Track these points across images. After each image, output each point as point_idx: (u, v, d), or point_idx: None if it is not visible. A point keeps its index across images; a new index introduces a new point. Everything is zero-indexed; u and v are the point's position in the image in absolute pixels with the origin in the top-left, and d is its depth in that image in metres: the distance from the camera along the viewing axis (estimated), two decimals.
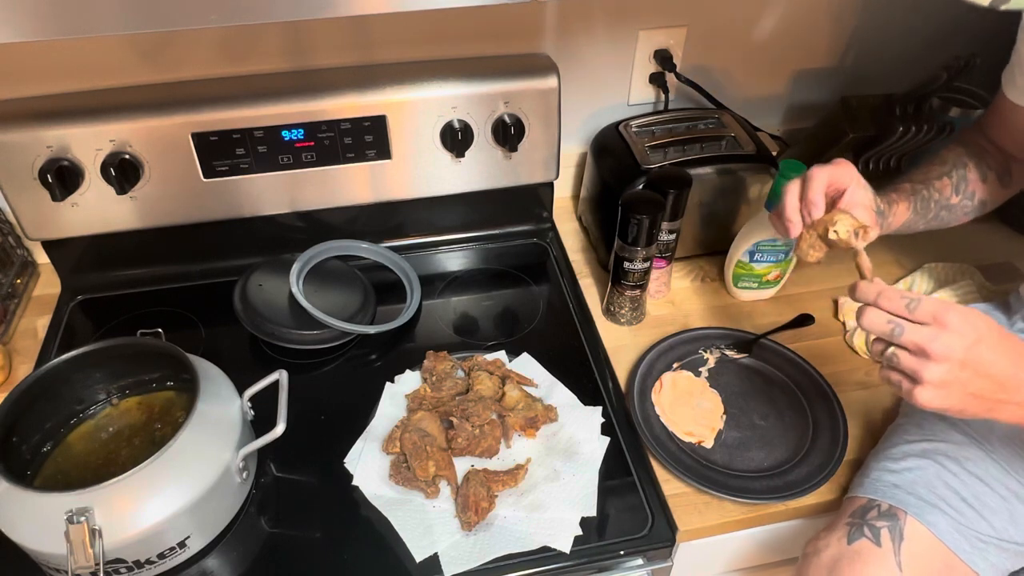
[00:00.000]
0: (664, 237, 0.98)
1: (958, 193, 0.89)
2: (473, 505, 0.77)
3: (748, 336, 0.99)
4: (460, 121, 1.00)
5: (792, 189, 0.78)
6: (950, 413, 0.64)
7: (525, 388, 0.91)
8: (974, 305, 0.95)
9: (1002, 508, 0.74)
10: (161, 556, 0.72)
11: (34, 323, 1.03)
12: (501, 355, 0.96)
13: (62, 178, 0.91)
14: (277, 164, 0.99)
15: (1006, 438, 0.78)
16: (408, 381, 0.94)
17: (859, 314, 0.65)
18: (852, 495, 0.79)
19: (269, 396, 0.80)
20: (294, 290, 0.96)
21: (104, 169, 0.92)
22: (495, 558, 0.76)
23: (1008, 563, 0.75)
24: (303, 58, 1.01)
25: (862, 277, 0.69)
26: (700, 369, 0.96)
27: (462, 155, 1.02)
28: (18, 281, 1.06)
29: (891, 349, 0.64)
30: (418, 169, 1.04)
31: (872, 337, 0.65)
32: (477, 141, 1.02)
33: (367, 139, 0.99)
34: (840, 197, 0.77)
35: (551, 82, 1.01)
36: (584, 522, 0.79)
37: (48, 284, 1.08)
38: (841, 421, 0.89)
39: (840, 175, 0.77)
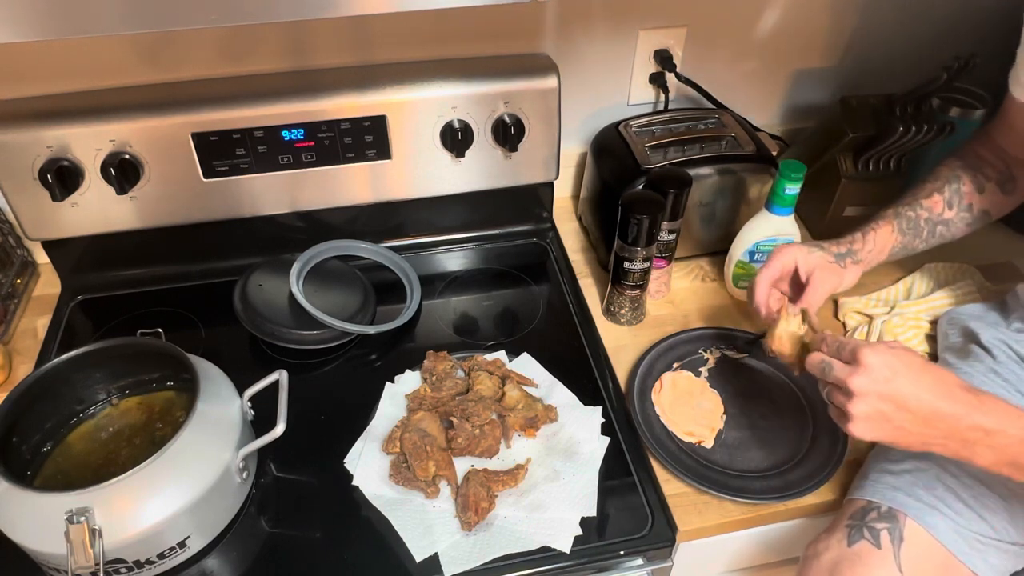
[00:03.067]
0: (664, 237, 0.99)
1: (952, 207, 0.90)
2: (473, 505, 0.77)
3: (748, 336, 0.99)
4: (460, 121, 1.00)
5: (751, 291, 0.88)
6: (891, 445, 0.68)
7: (525, 388, 0.91)
8: (973, 305, 0.95)
9: (1001, 509, 0.74)
10: (161, 556, 0.72)
11: (34, 323, 1.03)
12: (501, 355, 0.96)
13: (62, 178, 0.91)
14: (277, 164, 0.99)
15: None
16: (408, 381, 0.94)
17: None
18: (852, 497, 0.79)
19: (269, 396, 0.80)
20: (294, 290, 0.96)
21: (104, 169, 0.92)
22: (495, 558, 0.76)
23: (1008, 564, 0.75)
24: (303, 58, 1.01)
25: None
26: (700, 369, 0.96)
27: (462, 155, 1.02)
28: (18, 281, 1.06)
29: (826, 388, 0.70)
30: (418, 169, 1.04)
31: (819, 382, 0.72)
32: (477, 141, 1.02)
33: (367, 139, 0.99)
34: (797, 274, 0.86)
35: (551, 82, 1.01)
36: (584, 522, 0.79)
37: (48, 284, 1.08)
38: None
39: (783, 264, 0.85)
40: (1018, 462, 0.65)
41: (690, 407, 0.91)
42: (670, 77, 1.13)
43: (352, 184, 1.03)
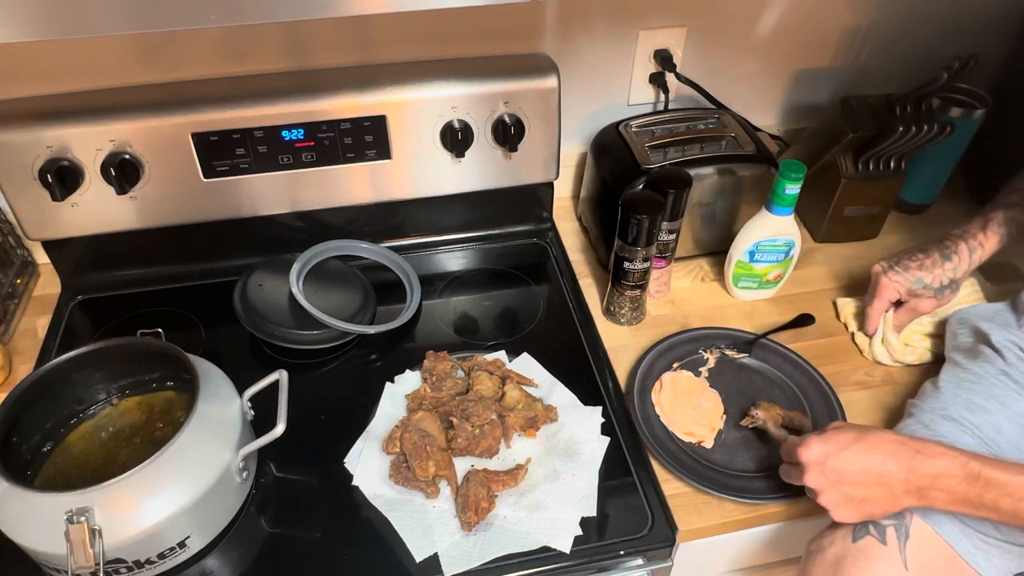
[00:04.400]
0: (664, 237, 0.99)
1: None
2: (473, 505, 0.77)
3: (748, 336, 0.99)
4: (460, 121, 1.00)
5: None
6: (872, 519, 0.73)
7: (525, 388, 0.91)
8: (983, 305, 0.95)
9: None
10: (161, 556, 0.72)
11: (34, 323, 1.03)
12: (501, 355, 0.96)
13: (62, 178, 0.91)
14: (277, 164, 0.99)
15: (1014, 441, 0.78)
16: (408, 381, 0.94)
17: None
18: None
19: (269, 396, 0.80)
20: (294, 290, 0.96)
21: (104, 169, 0.92)
22: (495, 558, 0.76)
23: (1012, 564, 0.74)
24: (303, 58, 1.01)
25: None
26: (700, 369, 0.96)
27: (462, 155, 1.02)
28: (18, 281, 1.06)
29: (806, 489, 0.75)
30: (418, 169, 1.04)
31: None
32: (477, 141, 1.02)
33: (367, 139, 0.99)
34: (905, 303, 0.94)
35: (551, 82, 1.01)
36: (584, 522, 0.79)
37: (48, 284, 1.08)
38: (841, 421, 0.88)
39: (890, 298, 0.94)
40: (968, 499, 0.68)
41: (690, 407, 0.91)
42: (670, 77, 1.13)
43: (352, 184, 1.03)
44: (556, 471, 0.83)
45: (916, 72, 1.06)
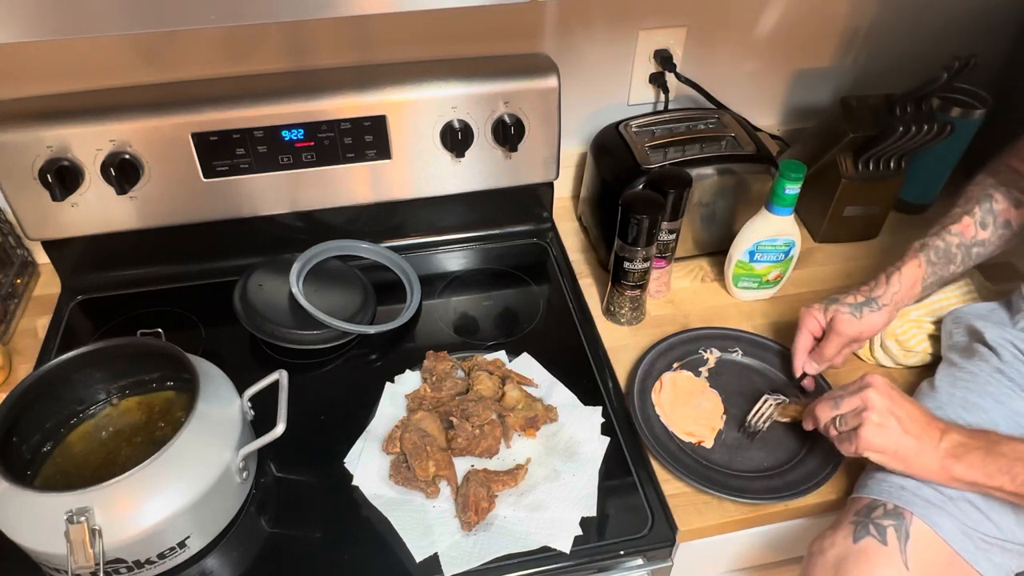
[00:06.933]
0: (664, 237, 0.99)
1: (986, 227, 0.91)
2: (473, 505, 0.77)
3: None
4: (460, 121, 1.00)
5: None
6: (887, 458, 0.75)
7: (525, 388, 0.91)
8: (978, 304, 0.95)
9: (1007, 509, 0.74)
10: (161, 556, 0.72)
11: (34, 323, 1.03)
12: (501, 355, 0.96)
13: (62, 178, 0.91)
14: (277, 164, 0.99)
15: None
16: (408, 381, 0.94)
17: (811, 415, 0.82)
18: (857, 495, 0.79)
19: (269, 396, 0.80)
20: (294, 290, 0.96)
21: (104, 169, 0.92)
22: (495, 558, 0.76)
23: (1012, 564, 0.74)
24: (303, 58, 1.01)
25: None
26: (700, 369, 0.96)
27: (462, 155, 1.02)
28: (18, 281, 1.06)
29: (837, 418, 0.78)
30: (418, 169, 1.04)
31: (823, 425, 0.80)
32: (477, 141, 1.02)
33: (367, 139, 0.99)
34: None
35: (551, 82, 1.01)
36: (584, 522, 0.79)
37: (48, 284, 1.09)
38: None
39: (810, 329, 0.92)
40: (985, 465, 0.72)
41: (690, 407, 0.91)
42: (670, 77, 1.13)
43: (352, 184, 1.03)
44: (556, 471, 0.83)
45: (916, 72, 1.06)
